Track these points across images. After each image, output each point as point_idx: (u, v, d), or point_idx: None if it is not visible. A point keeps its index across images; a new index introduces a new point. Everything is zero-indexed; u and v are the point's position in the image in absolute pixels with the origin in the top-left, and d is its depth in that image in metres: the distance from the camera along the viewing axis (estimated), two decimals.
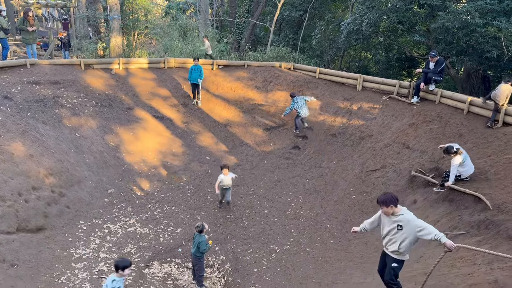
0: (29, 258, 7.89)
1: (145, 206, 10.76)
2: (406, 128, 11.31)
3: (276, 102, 14.43)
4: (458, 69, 19.16)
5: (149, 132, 13.19)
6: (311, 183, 11.62)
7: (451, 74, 17.67)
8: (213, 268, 9.15)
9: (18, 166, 9.33)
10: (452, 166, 8.33)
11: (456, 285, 5.90)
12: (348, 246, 8.87)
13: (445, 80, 19.01)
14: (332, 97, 14.12)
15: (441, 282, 6.14)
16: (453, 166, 8.31)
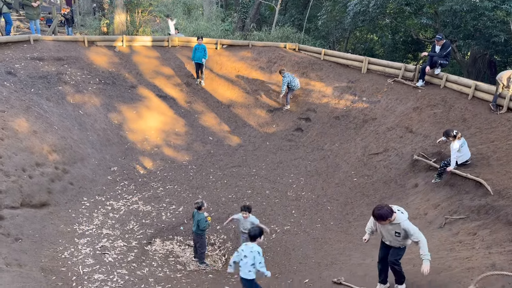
0: (33, 232, 8.01)
1: (148, 184, 10.85)
2: (410, 112, 11.26)
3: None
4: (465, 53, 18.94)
5: (152, 111, 13.18)
6: (313, 165, 11.66)
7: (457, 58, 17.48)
8: (214, 246, 9.29)
9: (22, 142, 9.38)
10: (451, 151, 8.34)
11: (453, 268, 5.98)
12: (348, 228, 8.96)
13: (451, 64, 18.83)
14: (337, 79, 14.02)
15: (439, 265, 6.22)
16: (452, 151, 8.33)
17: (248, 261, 5.92)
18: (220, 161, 12.18)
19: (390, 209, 5.35)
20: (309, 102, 13.86)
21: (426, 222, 7.83)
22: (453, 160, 8.36)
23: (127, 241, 8.62)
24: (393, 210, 5.39)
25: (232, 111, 14.16)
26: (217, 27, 21.16)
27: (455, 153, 8.33)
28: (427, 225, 7.74)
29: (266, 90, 14.75)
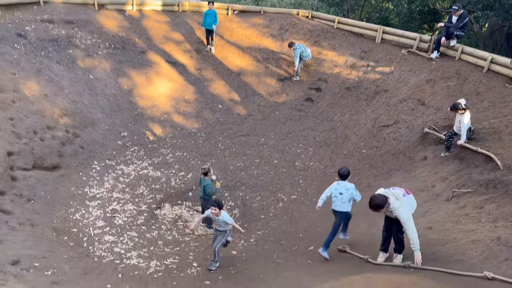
0: (45, 194, 8.21)
1: (157, 150, 10.95)
2: (423, 84, 11.07)
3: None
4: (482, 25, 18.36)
5: (162, 77, 13.13)
6: (322, 136, 11.63)
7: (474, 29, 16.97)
8: None
9: (33, 105, 9.45)
10: (462, 125, 8.22)
11: (458, 240, 6.03)
12: None
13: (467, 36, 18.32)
14: (350, 48, 13.75)
15: (444, 237, 6.28)
16: (462, 124, 8.21)
17: (344, 197, 6.84)
18: (229, 130, 12.20)
19: (384, 199, 5.56)
20: (321, 71, 13.67)
21: (433, 194, 7.84)
22: (464, 133, 8.27)
23: (137, 205, 8.81)
24: (387, 199, 5.57)
25: (242, 79, 14.04)
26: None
27: (466, 127, 8.23)
28: (434, 197, 7.76)
29: (277, 58, 14.54)
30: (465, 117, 8.18)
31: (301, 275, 6.16)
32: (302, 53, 13.29)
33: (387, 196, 5.61)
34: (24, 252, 6.24)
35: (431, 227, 6.75)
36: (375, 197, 5.66)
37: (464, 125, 8.21)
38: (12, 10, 12.13)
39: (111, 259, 6.94)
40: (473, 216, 6.67)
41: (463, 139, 8.29)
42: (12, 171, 7.88)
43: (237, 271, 6.73)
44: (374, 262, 6.07)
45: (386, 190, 5.83)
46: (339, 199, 6.86)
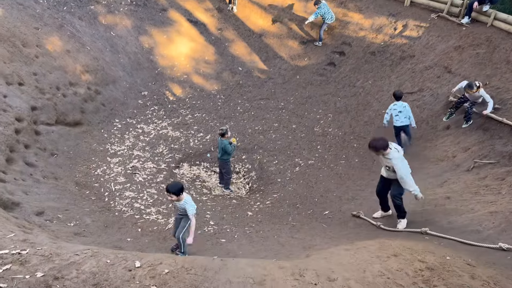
0: (67, 149, 8.42)
1: (177, 111, 11.00)
2: (451, 51, 10.64)
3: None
4: None
5: (183, 36, 12.98)
6: (343, 101, 11.45)
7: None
8: (239, 175, 9.56)
9: (55, 60, 9.52)
10: (484, 96, 8.18)
11: (476, 211, 5.98)
12: (372, 166, 8.96)
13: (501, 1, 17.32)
14: (377, 11, 13.21)
15: (462, 207, 6.22)
16: (485, 96, 8.17)
17: (403, 114, 8.52)
18: (248, 93, 12.12)
19: (385, 144, 5.66)
20: (345, 35, 13.26)
21: (454, 165, 7.72)
22: (490, 103, 8.06)
23: (157, 164, 8.97)
24: (388, 145, 5.68)
25: (263, 41, 13.77)
26: None
27: (488, 97, 8.16)
28: (454, 167, 7.64)
29: (300, 20, 14.12)
30: (482, 90, 8.21)
31: (315, 238, 6.26)
32: (324, 14, 12.86)
33: (389, 143, 5.68)
34: (48, 204, 6.48)
35: (449, 196, 6.69)
36: (377, 138, 5.78)
37: (485, 94, 8.17)
38: None
39: (131, 214, 7.17)
40: (493, 187, 6.56)
41: (489, 109, 8.07)
42: (36, 126, 8.06)
43: (252, 231, 6.87)
44: (386, 229, 6.09)
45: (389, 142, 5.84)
46: (400, 116, 8.51)
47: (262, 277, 3.63)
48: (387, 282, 3.67)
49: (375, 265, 4.01)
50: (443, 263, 4.05)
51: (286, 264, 4.06)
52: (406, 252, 4.30)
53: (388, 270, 3.89)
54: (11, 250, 3.70)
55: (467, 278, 3.81)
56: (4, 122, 7.08)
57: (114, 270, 3.53)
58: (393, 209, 6.39)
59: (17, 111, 7.57)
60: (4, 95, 7.57)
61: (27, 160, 7.18)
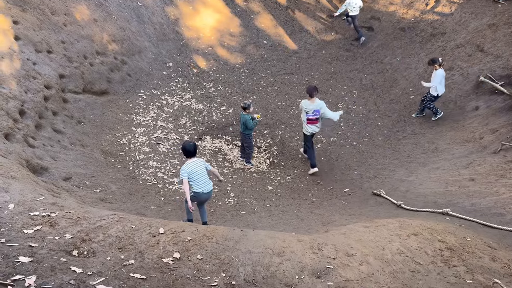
0: (94, 117, 8.59)
1: (201, 83, 11.03)
2: (484, 29, 10.21)
3: None
4: None
5: (208, 8, 12.85)
6: (369, 78, 11.22)
7: None
8: (260, 149, 9.61)
9: (83, 29, 9.61)
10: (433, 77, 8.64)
11: (500, 194, 5.87)
12: (396, 145, 8.85)
13: None
14: None
15: (486, 189, 6.11)
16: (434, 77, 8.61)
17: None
18: (272, 67, 12.01)
19: (315, 88, 7.63)
20: (374, 9, 12.87)
21: (480, 146, 7.54)
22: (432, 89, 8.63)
23: (180, 135, 9.09)
24: (317, 89, 7.66)
25: (289, 13, 13.51)
26: None
27: (436, 80, 8.55)
28: (480, 149, 7.47)
29: None
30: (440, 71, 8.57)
31: (334, 214, 6.29)
32: (350, 4, 11.96)
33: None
34: (75, 170, 6.70)
35: (473, 178, 6.58)
36: (311, 85, 7.90)
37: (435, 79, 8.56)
38: None
39: (155, 183, 7.34)
40: None
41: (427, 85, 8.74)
42: (63, 93, 8.23)
43: (272, 204, 6.96)
44: (407, 208, 6.06)
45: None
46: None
47: (281, 249, 3.71)
48: (406, 260, 3.68)
49: (394, 243, 4.03)
50: (463, 244, 4.03)
51: (305, 237, 4.11)
52: (426, 232, 4.29)
53: (407, 249, 3.90)
54: (41, 212, 3.87)
55: (487, 260, 3.79)
56: (33, 89, 7.27)
57: (139, 235, 3.66)
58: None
59: (46, 79, 7.73)
60: (34, 63, 7.73)
61: (55, 127, 7.38)
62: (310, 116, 7.63)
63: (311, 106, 7.56)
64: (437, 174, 7.16)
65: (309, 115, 7.64)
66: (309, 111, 7.61)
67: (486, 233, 4.75)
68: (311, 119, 7.65)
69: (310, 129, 7.78)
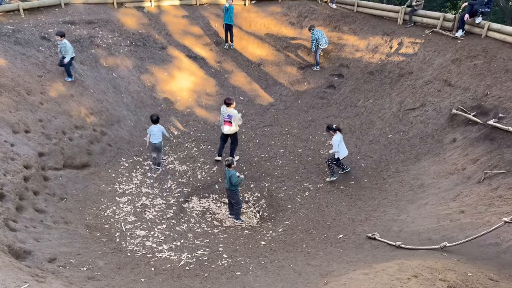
0: (76, 192, 8.43)
1: (182, 144, 11.06)
2: (448, 64, 10.74)
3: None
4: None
5: (183, 72, 13.21)
6: (346, 122, 11.48)
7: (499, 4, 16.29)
8: (249, 204, 9.50)
9: (60, 105, 9.69)
10: (333, 142, 8.99)
11: (492, 223, 5.85)
12: (382, 184, 8.90)
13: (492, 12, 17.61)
14: (371, 32, 13.45)
15: (478, 220, 6.12)
16: (334, 142, 8.98)
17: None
18: (251, 121, 12.20)
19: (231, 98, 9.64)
20: (342, 57, 13.45)
21: (464, 177, 7.64)
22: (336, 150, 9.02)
23: (166, 199, 8.95)
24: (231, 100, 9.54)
25: (262, 69, 13.98)
26: None
27: (335, 145, 8.95)
28: (465, 180, 7.57)
29: (297, 46, 14.39)
30: (336, 136, 8.98)
31: (331, 263, 6.14)
32: (318, 39, 13.10)
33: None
34: (60, 250, 6.44)
35: (463, 210, 6.59)
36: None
37: (335, 144, 8.97)
38: (35, 14, 12.42)
39: (143, 253, 7.09)
40: (507, 197, 6.46)
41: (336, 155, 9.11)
42: (44, 171, 8.12)
43: (267, 261, 6.76)
44: (407, 247, 5.97)
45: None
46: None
47: None
48: None
49: None
50: (465, 280, 3.95)
51: None
52: (426, 272, 4.21)
53: None
54: None
55: None
56: (12, 171, 7.14)
57: None
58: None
59: (25, 159, 7.64)
60: (12, 144, 7.67)
61: (37, 207, 7.19)
62: (225, 119, 9.66)
63: (227, 111, 9.56)
64: (427, 209, 7.16)
65: (224, 117, 9.67)
66: (225, 115, 9.60)
67: (485, 265, 4.68)
68: (226, 120, 9.68)
69: (225, 129, 9.80)
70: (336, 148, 8.95)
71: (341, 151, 9.06)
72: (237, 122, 9.80)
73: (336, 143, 8.94)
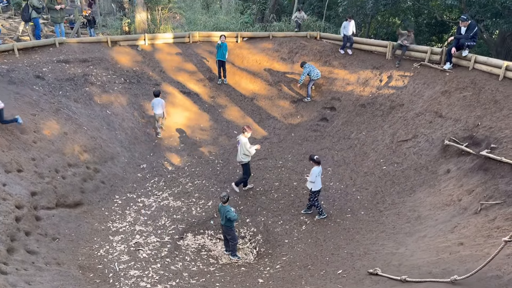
0: (69, 232, 8.26)
1: (177, 180, 10.98)
2: (438, 96, 10.95)
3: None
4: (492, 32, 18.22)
5: (177, 107, 13.30)
6: (340, 154, 11.53)
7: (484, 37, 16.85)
8: (245, 239, 9.35)
9: (53, 144, 9.64)
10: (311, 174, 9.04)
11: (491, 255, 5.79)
12: (379, 217, 8.84)
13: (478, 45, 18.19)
14: (361, 66, 13.77)
15: (477, 252, 6.05)
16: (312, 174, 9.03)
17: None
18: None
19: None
20: (333, 90, 13.68)
21: (461, 208, 7.63)
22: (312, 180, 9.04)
23: (160, 237, 8.79)
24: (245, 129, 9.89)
25: (255, 103, 14.14)
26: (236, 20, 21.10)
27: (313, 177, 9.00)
28: (462, 211, 7.55)
29: (288, 81, 14.64)
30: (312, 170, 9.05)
31: None
32: (310, 72, 13.41)
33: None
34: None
35: (462, 242, 6.54)
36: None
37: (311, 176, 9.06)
38: (29, 53, 12.56)
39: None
40: (505, 228, 6.43)
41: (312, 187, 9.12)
42: (36, 211, 7.97)
43: None
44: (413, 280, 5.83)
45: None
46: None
47: None
48: None
49: None
50: None
51: None
52: None
53: None
54: None
55: None
56: (4, 211, 7.00)
57: None
58: None
59: (16, 199, 7.51)
60: (4, 184, 7.56)
61: (28, 248, 7.00)
62: (237, 145, 10.23)
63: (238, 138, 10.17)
64: (425, 242, 7.09)
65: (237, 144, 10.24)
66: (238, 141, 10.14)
67: None
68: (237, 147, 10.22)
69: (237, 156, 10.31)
70: (313, 179, 9.02)
71: (317, 183, 9.12)
72: (243, 150, 9.91)
73: (314, 174, 9.02)
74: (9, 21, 20.90)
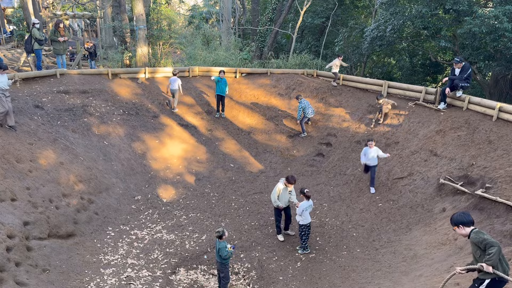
0: (60, 263, 8.09)
1: (171, 212, 10.89)
2: (433, 135, 11.11)
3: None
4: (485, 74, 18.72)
5: (174, 139, 13.38)
6: (336, 190, 11.53)
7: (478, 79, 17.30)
8: (239, 276, 9.16)
9: (49, 173, 9.61)
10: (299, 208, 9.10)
11: None
12: (375, 255, 8.75)
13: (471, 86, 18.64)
14: (357, 103, 14.02)
15: None
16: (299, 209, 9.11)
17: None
18: (241, 188, 12.17)
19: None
20: (330, 126, 13.85)
21: (457, 248, 7.58)
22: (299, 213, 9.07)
23: (152, 271, 8.61)
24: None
25: (252, 137, 14.25)
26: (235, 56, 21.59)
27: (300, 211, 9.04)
28: (457, 251, 7.49)
29: (285, 116, 14.84)
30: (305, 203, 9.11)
31: None
32: (305, 109, 13.60)
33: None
34: None
35: (458, 282, 6.46)
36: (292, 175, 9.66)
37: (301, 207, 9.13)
38: (30, 84, 12.72)
39: None
40: None
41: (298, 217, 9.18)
42: (27, 241, 7.83)
43: None
44: None
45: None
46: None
47: None
48: None
49: None
50: None
51: None
52: None
53: None
54: None
55: None
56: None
57: None
58: None
59: (8, 228, 7.40)
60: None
61: (17, 279, 6.83)
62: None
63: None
64: (421, 282, 6.99)
65: None
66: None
67: None
68: None
69: None
70: (300, 212, 9.07)
71: (305, 218, 9.11)
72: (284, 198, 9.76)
73: (301, 208, 9.06)
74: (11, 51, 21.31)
